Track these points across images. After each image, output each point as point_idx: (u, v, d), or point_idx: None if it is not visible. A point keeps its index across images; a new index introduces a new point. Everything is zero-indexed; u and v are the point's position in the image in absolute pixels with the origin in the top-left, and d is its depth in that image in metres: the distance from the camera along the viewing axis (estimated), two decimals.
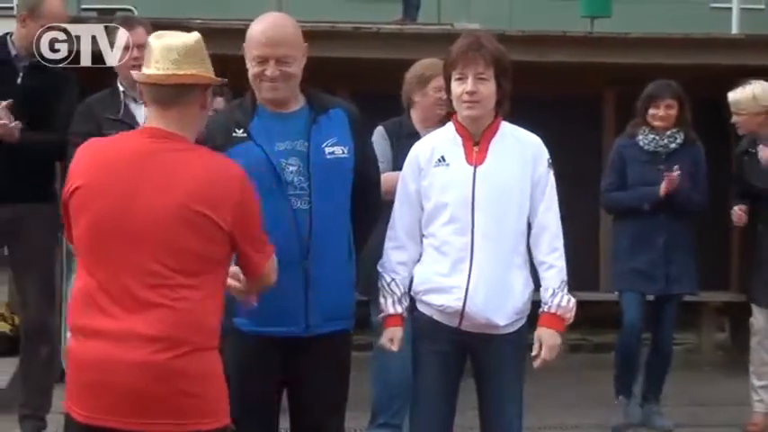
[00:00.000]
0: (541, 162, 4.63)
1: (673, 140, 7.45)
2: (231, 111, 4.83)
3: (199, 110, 3.80)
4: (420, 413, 4.69)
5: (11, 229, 6.73)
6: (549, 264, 4.57)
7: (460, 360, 4.61)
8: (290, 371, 4.63)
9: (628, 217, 7.57)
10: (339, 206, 4.57)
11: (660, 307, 7.57)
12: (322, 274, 4.51)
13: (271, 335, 4.53)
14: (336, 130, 4.60)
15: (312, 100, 4.64)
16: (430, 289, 4.51)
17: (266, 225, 4.33)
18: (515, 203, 4.53)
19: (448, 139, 4.60)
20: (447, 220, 4.50)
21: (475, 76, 4.45)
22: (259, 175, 4.38)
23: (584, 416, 7.79)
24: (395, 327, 4.63)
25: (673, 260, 7.46)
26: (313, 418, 4.69)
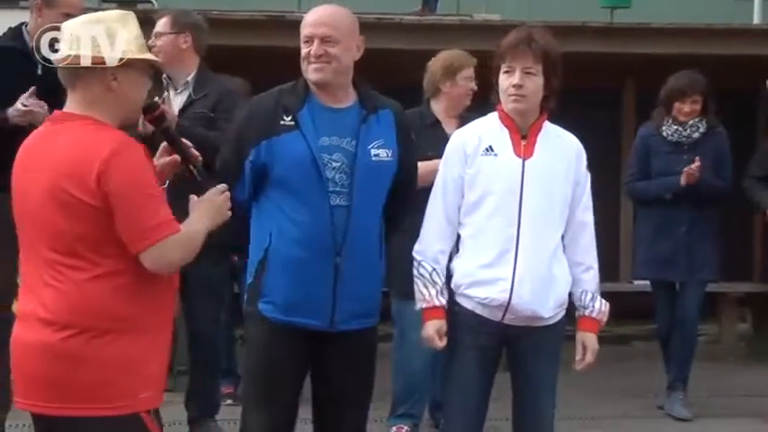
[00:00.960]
0: (582, 162, 4.62)
1: (695, 130, 7.43)
2: (280, 94, 4.72)
3: (103, 91, 3.52)
4: (456, 406, 4.67)
5: None
6: (587, 265, 4.59)
7: (498, 354, 4.60)
8: (315, 362, 4.65)
9: (650, 206, 7.59)
10: (376, 207, 4.59)
11: (683, 295, 7.56)
12: (352, 272, 4.51)
13: (297, 325, 4.54)
14: (384, 132, 4.61)
15: (364, 98, 4.63)
16: (473, 282, 4.46)
17: (303, 217, 4.50)
18: (559, 198, 4.52)
19: (494, 130, 4.57)
20: (492, 211, 4.48)
21: (522, 70, 4.43)
22: (301, 167, 4.47)
23: (607, 407, 7.78)
24: (439, 320, 4.55)
25: (695, 248, 7.46)
26: (336, 411, 4.70)
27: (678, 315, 7.56)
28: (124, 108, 3.58)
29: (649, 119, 7.76)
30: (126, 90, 3.54)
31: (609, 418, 7.52)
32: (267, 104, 4.69)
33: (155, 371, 3.57)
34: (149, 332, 3.53)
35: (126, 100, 3.56)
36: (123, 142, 3.47)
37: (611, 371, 8.53)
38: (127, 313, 3.46)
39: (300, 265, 4.51)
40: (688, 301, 7.54)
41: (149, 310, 3.53)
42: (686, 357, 7.58)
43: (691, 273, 7.49)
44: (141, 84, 3.61)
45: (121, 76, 3.51)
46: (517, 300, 4.41)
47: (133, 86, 3.58)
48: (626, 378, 8.34)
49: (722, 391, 7.95)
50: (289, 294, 4.53)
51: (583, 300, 4.56)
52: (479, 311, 4.47)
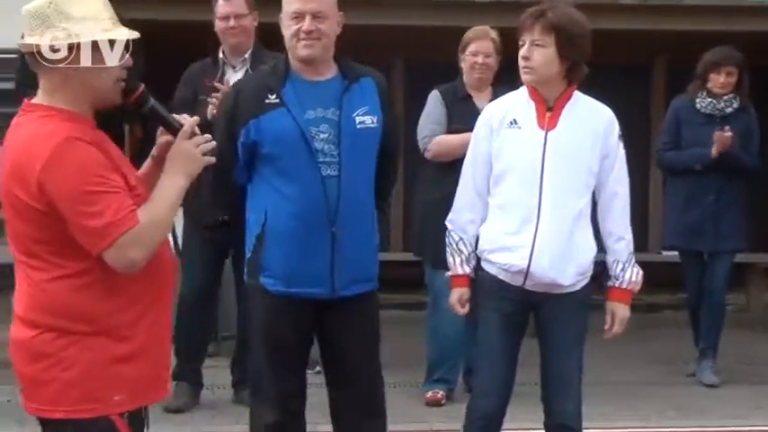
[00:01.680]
0: (612, 134, 4.58)
1: (729, 105, 7.45)
2: (263, 76, 4.83)
3: (62, 79, 3.21)
4: (483, 369, 4.71)
5: None
6: (618, 235, 4.57)
7: (523, 319, 4.61)
8: (320, 329, 4.72)
9: (680, 176, 7.58)
10: (366, 174, 4.62)
11: (713, 263, 7.57)
12: (348, 239, 4.54)
13: (298, 296, 4.59)
14: (367, 100, 4.61)
15: (344, 68, 4.64)
16: (496, 248, 4.50)
17: (296, 191, 4.52)
18: (584, 169, 4.50)
19: (521, 103, 4.58)
20: (516, 181, 4.48)
21: (531, 42, 4.43)
22: (290, 142, 4.51)
23: (636, 373, 7.81)
24: (462, 288, 4.64)
25: (722, 218, 7.48)
26: (347, 370, 4.74)
27: (706, 285, 7.59)
28: (89, 94, 3.26)
29: (679, 93, 7.77)
30: (88, 77, 3.21)
31: (638, 384, 7.55)
32: (251, 87, 4.76)
33: (131, 372, 3.27)
34: (125, 332, 3.25)
35: (88, 86, 3.24)
36: (62, 141, 3.13)
37: (642, 339, 8.53)
38: (95, 314, 3.21)
39: (297, 237, 4.54)
40: (716, 272, 7.56)
41: (123, 310, 3.25)
42: (715, 326, 7.61)
43: (718, 243, 7.51)
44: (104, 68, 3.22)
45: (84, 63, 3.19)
46: (536, 267, 4.42)
47: (96, 69, 3.20)
48: (656, 346, 8.38)
49: (750, 358, 7.95)
50: (288, 266, 4.57)
51: (614, 270, 4.56)
52: (502, 277, 4.51)
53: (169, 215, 3.28)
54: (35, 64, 3.20)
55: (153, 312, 3.33)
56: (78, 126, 3.20)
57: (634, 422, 6.74)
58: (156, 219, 3.20)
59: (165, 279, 3.39)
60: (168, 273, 3.42)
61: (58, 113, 3.19)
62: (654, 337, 8.67)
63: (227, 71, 6.58)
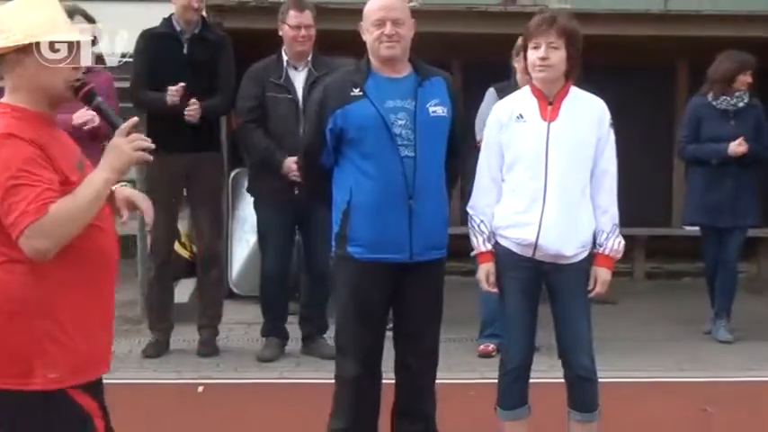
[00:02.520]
0: (605, 122, 4.59)
1: (740, 100, 7.40)
2: (347, 73, 4.81)
3: (18, 77, 3.02)
4: (511, 329, 4.71)
5: (189, 173, 6.90)
6: (603, 208, 4.58)
7: (536, 284, 4.61)
8: (397, 289, 4.71)
9: (700, 164, 7.54)
10: (438, 155, 4.64)
11: (728, 237, 7.54)
12: (423, 211, 4.57)
13: (381, 261, 4.62)
14: (438, 94, 4.64)
15: (418, 68, 4.67)
16: (508, 225, 4.52)
17: (378, 170, 4.55)
18: (583, 155, 4.53)
19: (525, 100, 4.58)
20: (524, 167, 4.49)
21: (548, 45, 4.43)
22: (373, 127, 4.54)
23: (658, 332, 7.78)
24: (487, 263, 4.62)
25: (739, 199, 7.44)
26: (414, 326, 4.78)
27: (722, 256, 7.56)
28: (41, 92, 3.05)
29: (699, 91, 7.68)
30: (38, 75, 3.01)
31: (658, 341, 7.53)
32: (337, 82, 4.78)
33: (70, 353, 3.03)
34: (57, 314, 3.01)
35: (39, 83, 3.03)
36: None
37: (663, 302, 8.61)
38: (26, 296, 2.98)
39: (380, 210, 4.56)
40: (731, 245, 7.54)
41: (50, 293, 2.99)
42: (729, 291, 7.60)
43: (735, 220, 7.48)
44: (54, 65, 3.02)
45: (28, 61, 2.99)
46: (543, 240, 4.45)
47: (46, 70, 3.00)
48: (676, 308, 8.34)
49: (759, 319, 7.89)
50: (373, 236, 4.59)
51: (599, 238, 4.58)
52: (514, 249, 4.53)
53: (84, 207, 2.96)
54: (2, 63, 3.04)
55: (82, 296, 3.06)
56: (23, 124, 2.99)
57: (655, 373, 6.73)
58: (67, 211, 2.91)
59: (100, 265, 3.13)
60: (105, 260, 3.15)
61: (12, 111, 3.02)
62: (674, 300, 8.62)
63: (290, 71, 6.62)
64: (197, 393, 6.28)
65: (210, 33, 6.99)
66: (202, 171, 6.98)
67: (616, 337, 7.33)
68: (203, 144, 6.96)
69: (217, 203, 7.27)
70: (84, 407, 3.12)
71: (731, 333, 7.50)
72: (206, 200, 7.09)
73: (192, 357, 6.97)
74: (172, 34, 6.85)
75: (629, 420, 5.47)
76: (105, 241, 3.13)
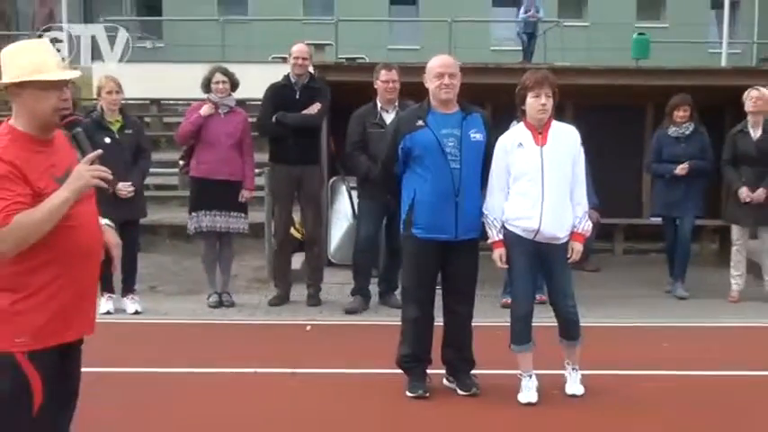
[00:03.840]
0: (578, 143, 4.61)
1: (687, 129, 7.37)
2: (414, 110, 4.83)
3: (18, 105, 2.79)
4: (518, 288, 4.71)
5: (299, 180, 6.97)
6: (577, 201, 4.59)
7: (535, 257, 4.59)
8: (446, 260, 4.71)
9: (661, 176, 7.55)
10: (476, 167, 4.64)
11: (681, 225, 7.51)
12: (465, 206, 4.60)
13: (435, 239, 4.64)
14: (477, 125, 4.65)
15: (463, 106, 4.68)
16: (517, 218, 4.53)
17: (434, 177, 4.56)
18: (566, 168, 4.54)
19: (522, 132, 4.57)
20: (528, 179, 4.50)
21: (545, 95, 4.47)
22: (432, 148, 4.56)
23: (633, 289, 7.79)
24: (500, 248, 4.61)
25: (688, 199, 7.41)
26: (458, 285, 4.79)
27: (678, 237, 7.55)
28: (33, 117, 2.78)
29: (660, 125, 7.73)
30: (29, 103, 2.77)
31: (631, 297, 7.52)
32: (407, 116, 4.84)
33: (34, 321, 2.74)
34: (26, 291, 2.73)
35: (33, 111, 2.78)
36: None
37: (635, 270, 8.58)
38: (2, 277, 2.72)
39: (434, 205, 4.59)
40: (683, 230, 7.52)
41: (22, 275, 2.72)
42: (683, 263, 7.60)
43: (686, 213, 7.47)
44: (42, 97, 2.76)
45: (24, 94, 2.76)
46: (544, 227, 4.49)
47: (36, 101, 2.76)
48: (644, 275, 8.30)
49: (704, 283, 7.84)
50: (429, 222, 4.61)
51: (574, 222, 4.59)
52: (521, 234, 4.55)
53: (42, 219, 2.67)
54: (8, 95, 2.82)
55: (54, 277, 2.76)
56: (10, 145, 2.74)
57: (628, 319, 6.74)
58: (26, 222, 2.63)
59: (72, 255, 2.80)
60: (79, 251, 2.82)
61: (10, 132, 2.78)
62: (643, 269, 8.58)
63: (383, 113, 6.63)
64: (306, 331, 6.34)
65: (315, 83, 7.04)
66: (308, 179, 7.03)
67: (600, 294, 7.34)
68: (309, 159, 7.03)
69: (317, 202, 7.28)
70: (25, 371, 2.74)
71: (686, 291, 7.49)
72: (310, 200, 7.14)
73: (303, 306, 7.05)
74: (288, 84, 6.95)
75: (608, 354, 5.44)
76: (79, 236, 2.81)
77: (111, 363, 5.00)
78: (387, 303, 6.94)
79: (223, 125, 6.81)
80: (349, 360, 5.46)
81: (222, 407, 4.63)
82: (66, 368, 2.92)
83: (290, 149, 6.90)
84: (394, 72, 6.65)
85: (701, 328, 6.56)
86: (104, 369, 4.71)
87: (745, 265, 7.46)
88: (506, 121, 5.13)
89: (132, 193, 6.59)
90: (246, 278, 8.06)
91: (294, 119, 6.81)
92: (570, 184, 4.59)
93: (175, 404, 4.72)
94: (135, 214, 6.82)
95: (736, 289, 7.42)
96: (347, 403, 4.73)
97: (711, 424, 4.47)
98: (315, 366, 5.32)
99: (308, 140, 6.99)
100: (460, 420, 4.49)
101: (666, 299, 7.55)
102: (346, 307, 6.91)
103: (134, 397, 4.78)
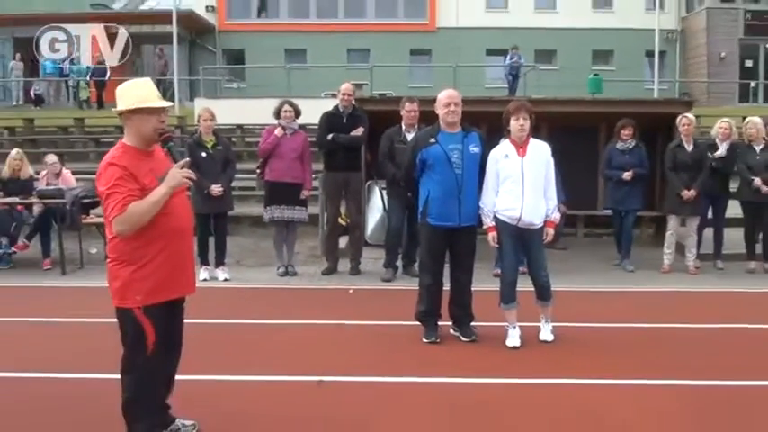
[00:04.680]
0: (549, 155, 4.54)
1: (630, 144, 7.23)
2: (428, 131, 4.69)
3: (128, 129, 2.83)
4: (506, 261, 4.62)
5: (346, 183, 6.94)
6: (549, 197, 4.51)
7: (518, 238, 4.52)
8: (452, 241, 4.64)
9: (611, 179, 7.39)
10: (474, 173, 4.56)
11: (626, 216, 7.35)
12: (466, 201, 4.53)
13: (444, 226, 4.57)
14: (474, 141, 4.57)
15: (464, 127, 4.60)
16: (505, 209, 4.47)
17: (443, 180, 4.45)
18: (539, 173, 4.48)
19: (508, 147, 4.51)
20: (511, 182, 4.44)
21: (523, 118, 4.42)
22: (441, 159, 4.50)
23: (591, 263, 7.63)
24: (492, 232, 4.53)
25: (632, 196, 7.26)
26: (460, 261, 4.71)
27: (624, 226, 7.40)
28: (140, 135, 2.81)
29: (610, 141, 7.57)
30: (138, 125, 2.80)
31: (589, 269, 7.37)
32: (424, 135, 4.72)
33: (144, 287, 2.78)
34: (143, 264, 2.78)
35: (139, 130, 2.80)
36: (108, 159, 2.77)
37: (593, 249, 8.39)
38: (124, 251, 2.78)
39: (443, 200, 4.52)
40: (628, 220, 7.36)
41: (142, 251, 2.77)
42: (628, 244, 7.43)
43: (629, 206, 7.31)
44: (146, 120, 2.79)
45: (134, 117, 2.79)
46: (524, 216, 4.43)
47: (142, 123, 2.80)
48: (600, 252, 8.12)
49: (643, 259, 7.64)
50: (440, 213, 4.55)
51: (547, 212, 4.51)
52: (507, 221, 4.48)
53: (148, 208, 2.72)
54: (122, 119, 2.83)
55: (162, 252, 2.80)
56: (123, 155, 2.77)
57: (587, 286, 6.59)
58: (137, 210, 2.69)
59: (171, 235, 2.82)
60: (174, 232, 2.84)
61: (123, 147, 2.81)
62: (599, 248, 8.39)
63: (406, 134, 6.52)
64: (349, 294, 6.27)
65: (357, 112, 6.97)
66: (351, 182, 6.98)
67: (567, 267, 7.24)
68: (352, 167, 6.97)
69: (358, 199, 7.20)
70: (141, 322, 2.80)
71: (632, 266, 7.32)
72: (353, 197, 7.07)
73: (347, 275, 6.97)
74: (337, 113, 6.90)
75: (572, 311, 5.36)
76: (175, 220, 2.84)
77: (209, 316, 5.02)
78: (408, 273, 6.83)
79: (289, 142, 6.79)
80: (381, 315, 5.40)
81: (286, 348, 4.62)
82: (171, 320, 2.94)
83: (338, 160, 6.88)
84: (416, 104, 6.57)
85: (642, 292, 6.43)
86: (205, 321, 4.73)
87: (674, 246, 7.29)
88: (497, 138, 5.07)
89: (222, 193, 6.61)
90: (305, 255, 8.01)
91: (345, 139, 6.78)
92: (544, 184, 4.53)
93: (252, 345, 4.72)
94: (225, 208, 6.87)
95: (668, 263, 7.26)
96: (380, 346, 4.70)
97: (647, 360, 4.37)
98: (357, 320, 5.27)
99: (352, 154, 6.95)
100: (464, 359, 4.44)
101: (616, 270, 7.39)
102: (383, 277, 6.80)
103: (225, 339, 4.78)
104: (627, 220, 7.41)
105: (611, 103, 8.63)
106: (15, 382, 3.96)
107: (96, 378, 3.83)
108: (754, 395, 3.82)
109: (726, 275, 7.16)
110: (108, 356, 3.12)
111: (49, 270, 7.41)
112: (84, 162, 12.83)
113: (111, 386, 3.05)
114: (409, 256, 6.93)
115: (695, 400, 3.71)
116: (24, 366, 4.16)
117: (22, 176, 7.80)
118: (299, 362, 4.31)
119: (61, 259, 7.34)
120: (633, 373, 4.07)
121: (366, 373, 4.08)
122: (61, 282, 6.99)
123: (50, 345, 4.70)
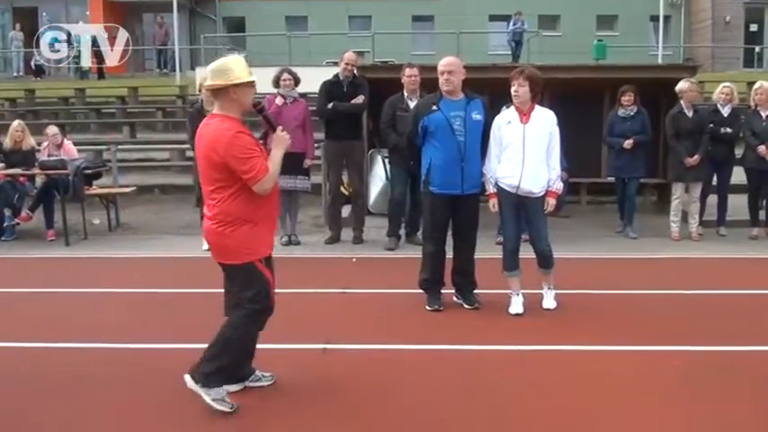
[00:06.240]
0: (554, 123, 4.45)
1: (632, 111, 7.17)
2: (430, 98, 4.66)
3: (230, 101, 3.02)
4: (506, 229, 4.61)
5: (347, 151, 6.88)
6: (552, 167, 4.46)
7: (517, 207, 4.50)
8: (455, 209, 4.61)
9: (613, 147, 7.34)
10: (477, 140, 4.51)
11: (629, 183, 7.31)
12: (468, 168, 4.48)
13: (446, 194, 4.53)
14: (477, 108, 4.51)
15: (467, 94, 4.54)
16: (505, 176, 4.43)
17: (445, 147, 4.41)
18: (543, 140, 4.41)
19: (511, 113, 4.46)
20: (513, 148, 4.40)
21: (519, 84, 4.36)
22: (443, 126, 4.44)
23: (595, 231, 7.61)
24: (494, 198, 4.53)
25: (634, 161, 7.21)
26: (463, 229, 4.69)
27: (627, 193, 7.36)
28: (239, 106, 3.03)
29: (613, 108, 7.49)
30: (241, 98, 3.02)
31: (592, 236, 7.35)
32: (426, 102, 4.67)
33: (259, 241, 3.06)
34: (256, 222, 3.03)
35: (240, 102, 3.02)
36: (231, 131, 2.96)
37: (596, 217, 8.36)
38: (242, 213, 3.01)
39: (446, 167, 4.47)
40: (631, 187, 7.32)
41: (253, 211, 3.03)
42: (631, 211, 7.38)
43: (632, 173, 7.26)
44: (248, 93, 3.03)
45: (236, 90, 2.99)
46: (522, 185, 4.39)
47: (245, 95, 3.03)
48: (602, 220, 8.10)
49: (647, 226, 7.61)
50: (442, 180, 4.50)
51: (550, 183, 4.46)
52: (507, 189, 4.45)
53: (275, 169, 3.04)
54: (216, 93, 3.01)
55: (267, 211, 3.09)
56: (239, 124, 3.01)
57: (590, 253, 6.58)
58: (273, 169, 3.02)
59: (273, 196, 3.11)
60: (274, 194, 3.13)
61: (229, 119, 3.01)
62: (601, 216, 8.37)
63: (408, 101, 6.46)
64: (352, 262, 6.28)
65: (357, 80, 6.90)
66: (353, 151, 6.93)
67: (570, 234, 7.22)
68: (354, 136, 6.92)
69: (360, 168, 7.16)
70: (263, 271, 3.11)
71: (635, 233, 7.29)
72: (355, 166, 7.03)
73: (350, 244, 6.97)
74: (337, 81, 6.83)
75: (575, 278, 5.35)
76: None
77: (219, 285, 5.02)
78: (411, 242, 6.83)
79: (290, 111, 6.72)
80: (384, 283, 5.41)
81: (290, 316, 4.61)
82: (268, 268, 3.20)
83: (339, 129, 6.81)
84: (415, 69, 6.50)
85: (644, 259, 6.42)
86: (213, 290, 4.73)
87: (680, 213, 7.25)
88: (500, 105, 5.00)
89: None
90: (308, 224, 8.01)
91: (345, 107, 6.72)
92: (546, 153, 4.47)
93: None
94: None
95: (676, 230, 7.22)
96: (384, 312, 4.71)
97: (648, 327, 4.38)
98: (360, 288, 5.28)
99: (353, 122, 6.88)
100: (467, 326, 4.45)
101: (619, 237, 7.36)
102: (386, 245, 6.78)
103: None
104: (629, 188, 7.36)
105: (615, 69, 8.48)
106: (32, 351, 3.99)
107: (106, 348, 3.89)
108: (754, 360, 3.82)
109: (729, 242, 7.13)
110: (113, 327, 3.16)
111: (53, 241, 7.41)
112: (85, 133, 12.75)
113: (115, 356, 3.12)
114: (412, 224, 6.93)
115: (696, 365, 3.72)
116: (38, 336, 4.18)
117: (24, 148, 7.77)
118: (303, 330, 4.32)
119: (65, 230, 7.33)
120: (635, 340, 4.08)
121: (370, 340, 4.09)
122: (66, 252, 7.01)
123: (61, 314, 4.73)
